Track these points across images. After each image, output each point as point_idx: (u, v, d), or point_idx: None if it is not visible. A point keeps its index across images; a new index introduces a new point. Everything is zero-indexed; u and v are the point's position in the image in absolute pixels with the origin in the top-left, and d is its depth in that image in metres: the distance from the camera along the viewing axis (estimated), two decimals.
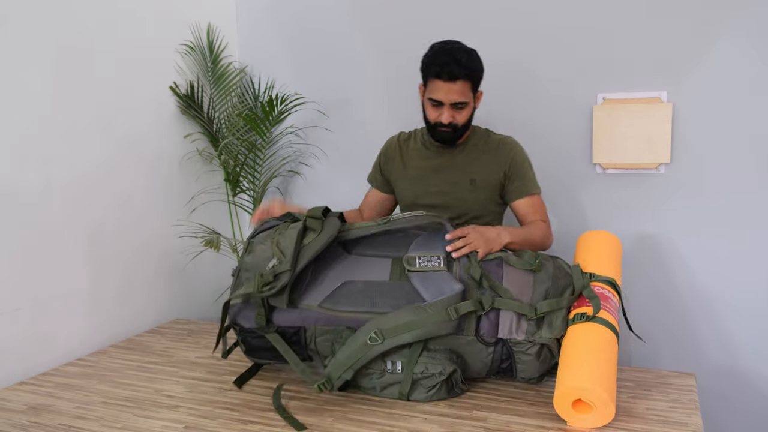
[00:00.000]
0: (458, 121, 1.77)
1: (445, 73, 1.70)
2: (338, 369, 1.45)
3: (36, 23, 1.75)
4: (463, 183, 1.85)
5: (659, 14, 2.05)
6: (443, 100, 1.74)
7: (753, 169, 2.02)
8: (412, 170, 1.90)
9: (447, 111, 1.75)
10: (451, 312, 1.43)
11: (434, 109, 1.77)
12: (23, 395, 1.58)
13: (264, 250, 1.56)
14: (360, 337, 1.44)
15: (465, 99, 1.74)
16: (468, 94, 1.75)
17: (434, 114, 1.78)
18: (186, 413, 1.45)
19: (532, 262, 1.54)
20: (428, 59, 1.76)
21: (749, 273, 2.06)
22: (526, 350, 1.47)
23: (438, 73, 1.71)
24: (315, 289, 1.54)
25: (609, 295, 1.47)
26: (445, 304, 1.43)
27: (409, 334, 1.43)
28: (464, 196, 1.85)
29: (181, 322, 2.21)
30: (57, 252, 1.83)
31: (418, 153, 1.91)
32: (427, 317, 1.43)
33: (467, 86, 1.73)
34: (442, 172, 1.87)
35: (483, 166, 1.85)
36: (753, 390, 2.11)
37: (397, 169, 1.94)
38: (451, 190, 1.85)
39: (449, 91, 1.72)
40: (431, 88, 1.75)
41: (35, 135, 1.76)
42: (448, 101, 1.73)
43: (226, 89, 2.42)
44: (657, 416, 1.38)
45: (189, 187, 2.37)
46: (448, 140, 1.82)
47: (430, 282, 1.50)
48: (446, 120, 1.75)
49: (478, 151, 1.86)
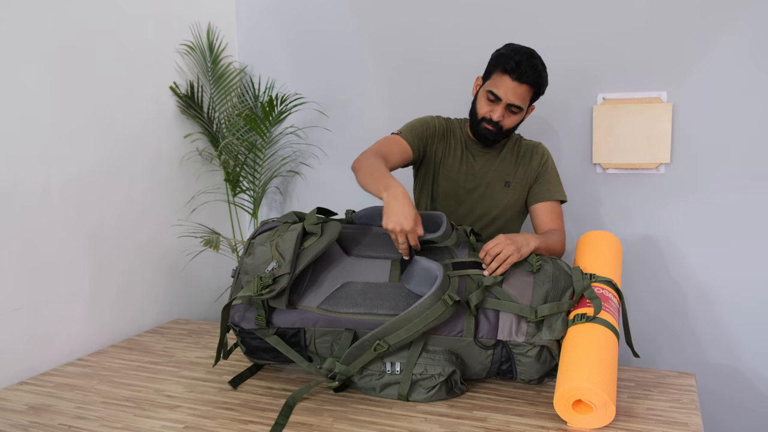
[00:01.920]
0: (505, 125, 1.76)
1: (516, 71, 1.68)
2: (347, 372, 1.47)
3: (36, 23, 1.75)
4: (498, 185, 1.85)
5: (659, 14, 2.05)
6: (503, 97, 1.71)
7: (753, 168, 2.02)
8: (450, 162, 1.88)
9: (501, 109, 1.73)
10: (446, 299, 1.41)
11: (488, 104, 1.75)
12: (23, 395, 1.58)
13: (264, 252, 1.56)
14: (366, 347, 1.43)
15: (522, 104, 1.73)
16: (526, 101, 1.74)
17: (486, 108, 1.75)
18: (186, 413, 1.45)
19: (532, 264, 1.54)
20: (504, 53, 1.72)
21: (749, 273, 2.06)
22: (525, 352, 1.46)
23: (510, 68, 1.68)
24: (314, 290, 1.54)
25: (609, 296, 1.48)
26: (438, 294, 1.41)
27: (414, 334, 1.41)
28: (498, 197, 1.86)
29: (181, 322, 2.21)
30: (57, 252, 1.83)
31: (456, 147, 1.88)
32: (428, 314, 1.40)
33: (529, 93, 1.73)
34: (479, 172, 1.87)
35: (517, 170, 1.86)
36: (753, 390, 2.11)
37: (439, 150, 1.87)
38: (486, 192, 1.86)
39: (512, 91, 1.70)
40: (495, 82, 1.72)
41: (35, 135, 1.76)
42: (506, 100, 1.71)
43: (226, 89, 2.42)
44: (657, 416, 1.38)
45: (189, 187, 2.37)
46: (489, 139, 1.80)
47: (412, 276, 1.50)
48: (497, 117, 1.73)
49: (513, 155, 1.87)
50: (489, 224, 1.88)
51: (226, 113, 2.41)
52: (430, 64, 2.33)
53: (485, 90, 1.75)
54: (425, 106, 2.33)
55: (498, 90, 1.71)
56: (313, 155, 2.57)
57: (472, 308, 1.45)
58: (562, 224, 1.84)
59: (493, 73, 1.73)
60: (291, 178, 2.63)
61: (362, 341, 1.43)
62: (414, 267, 1.52)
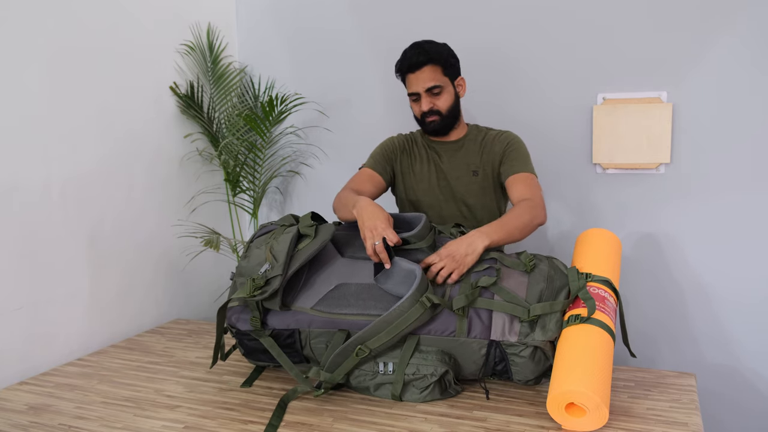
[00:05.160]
0: (440, 107, 1.82)
1: (407, 64, 1.78)
2: (332, 379, 1.47)
3: (36, 22, 1.75)
4: (466, 175, 1.88)
5: (659, 14, 2.05)
6: (417, 89, 1.79)
7: (753, 168, 2.02)
8: (418, 167, 1.92)
9: (425, 99, 1.80)
10: (424, 301, 1.41)
11: (415, 104, 1.84)
12: (23, 395, 1.58)
13: (258, 254, 1.58)
14: (348, 352, 1.45)
15: (437, 83, 1.78)
16: (440, 78, 1.79)
17: (416, 108, 1.84)
18: (186, 413, 1.45)
19: (526, 263, 1.53)
20: (397, 62, 1.83)
21: (749, 273, 2.06)
22: (519, 352, 1.46)
23: (404, 68, 1.80)
24: (308, 291, 1.55)
25: (605, 296, 1.46)
26: (416, 296, 1.41)
27: (395, 336, 1.43)
28: (468, 187, 1.87)
29: (181, 322, 2.21)
30: (57, 252, 1.83)
31: (421, 153, 1.93)
32: (407, 316, 1.41)
33: (437, 71, 1.78)
34: (445, 167, 1.89)
35: (483, 157, 1.88)
36: (753, 390, 2.11)
37: (404, 162, 1.93)
38: (455, 183, 1.88)
39: (418, 80, 1.78)
40: (406, 85, 1.83)
41: (35, 135, 1.76)
42: (421, 89, 1.79)
43: (226, 89, 2.42)
44: (657, 416, 1.38)
45: (189, 187, 2.37)
46: (439, 130, 1.86)
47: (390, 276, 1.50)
48: (426, 107, 1.80)
49: (477, 144, 1.89)
50: (470, 214, 1.90)
51: (226, 113, 2.41)
52: None
53: (409, 98, 1.85)
54: None
55: (411, 89, 1.81)
56: (313, 155, 2.57)
57: (456, 310, 1.45)
58: (536, 192, 1.74)
59: (404, 81, 1.84)
60: (291, 178, 2.63)
61: (344, 347, 1.44)
62: (392, 268, 1.51)
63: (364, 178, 1.88)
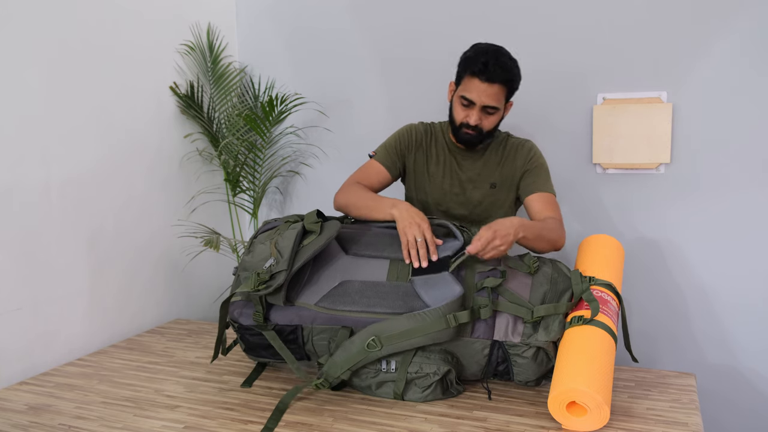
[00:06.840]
0: (485, 126, 1.72)
1: (485, 73, 1.64)
2: (336, 370, 1.46)
3: (36, 22, 1.75)
4: (484, 187, 1.83)
5: (659, 14, 2.06)
6: (476, 100, 1.68)
7: (753, 168, 2.02)
8: (433, 168, 1.86)
9: (477, 113, 1.69)
10: (450, 320, 1.41)
11: (463, 109, 1.72)
12: (23, 395, 1.58)
13: (263, 250, 1.58)
14: (358, 343, 1.44)
15: (497, 104, 1.69)
16: (501, 100, 1.70)
17: (462, 114, 1.72)
18: (186, 413, 1.45)
19: (530, 265, 1.53)
20: (470, 56, 1.69)
21: (749, 273, 2.06)
22: (521, 353, 1.46)
23: (478, 71, 1.65)
24: (312, 287, 1.55)
25: (608, 299, 1.47)
26: (444, 311, 1.42)
27: (408, 341, 1.42)
28: (483, 199, 1.83)
29: (181, 322, 2.21)
30: (57, 252, 1.83)
31: (439, 153, 1.86)
32: (426, 326, 1.41)
33: (503, 92, 1.69)
34: (463, 176, 1.84)
35: (502, 170, 1.83)
36: (753, 390, 2.11)
37: (419, 159, 1.87)
38: (471, 194, 1.84)
39: (484, 93, 1.66)
40: (466, 86, 1.69)
41: (35, 135, 1.76)
42: (480, 103, 1.68)
43: (226, 89, 2.42)
44: (657, 416, 1.38)
45: (189, 187, 2.37)
46: (472, 144, 1.77)
47: (432, 285, 1.49)
48: (474, 122, 1.70)
49: (498, 155, 1.84)
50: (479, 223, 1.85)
51: (226, 113, 2.41)
52: (429, 62, 2.33)
53: (459, 95, 1.72)
54: (425, 104, 2.33)
55: (470, 94, 1.68)
56: (313, 155, 2.57)
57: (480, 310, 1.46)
58: (558, 213, 1.77)
59: (464, 77, 1.70)
60: (291, 178, 2.63)
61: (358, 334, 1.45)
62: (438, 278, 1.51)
63: (372, 172, 1.83)
